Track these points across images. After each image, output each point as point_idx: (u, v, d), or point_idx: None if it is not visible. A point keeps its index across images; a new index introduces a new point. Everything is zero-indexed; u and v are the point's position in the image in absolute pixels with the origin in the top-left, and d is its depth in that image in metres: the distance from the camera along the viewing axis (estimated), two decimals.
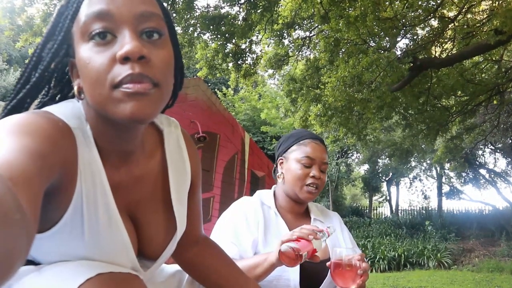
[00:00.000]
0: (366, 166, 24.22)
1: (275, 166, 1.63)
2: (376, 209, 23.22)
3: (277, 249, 1.15)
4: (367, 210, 22.06)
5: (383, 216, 20.73)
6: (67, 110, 0.69)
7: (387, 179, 24.48)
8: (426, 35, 7.92)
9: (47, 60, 0.68)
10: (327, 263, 1.25)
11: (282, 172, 1.54)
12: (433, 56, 7.86)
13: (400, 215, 20.86)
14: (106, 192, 0.69)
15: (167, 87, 0.66)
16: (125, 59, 0.61)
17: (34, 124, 0.58)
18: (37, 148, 0.53)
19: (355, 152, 21.66)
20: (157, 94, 0.63)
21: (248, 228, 1.40)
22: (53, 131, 0.61)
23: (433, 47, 8.03)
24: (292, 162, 1.50)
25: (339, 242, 1.52)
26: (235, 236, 1.39)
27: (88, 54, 0.62)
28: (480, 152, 16.15)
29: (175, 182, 0.84)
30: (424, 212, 19.50)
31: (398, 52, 7.58)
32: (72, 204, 0.65)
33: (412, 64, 6.88)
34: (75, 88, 0.68)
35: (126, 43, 0.61)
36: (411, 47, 7.57)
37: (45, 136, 0.57)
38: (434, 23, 7.92)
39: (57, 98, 0.75)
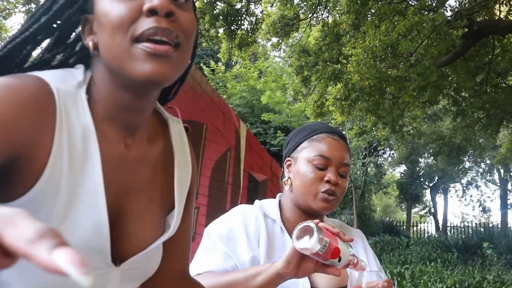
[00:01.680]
0: (402, 168, 24.31)
1: (282, 169, 1.64)
2: (417, 226, 23.32)
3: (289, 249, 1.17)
4: (404, 227, 22.13)
5: (426, 235, 20.79)
6: (56, 73, 0.80)
7: (431, 185, 24.54)
8: None
9: (59, 6, 0.82)
10: None
11: (289, 177, 1.55)
12: (496, 18, 7.85)
13: (449, 233, 20.89)
14: (94, 162, 0.78)
15: (187, 51, 0.81)
16: (151, 12, 0.74)
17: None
18: None
19: (387, 148, 21.68)
20: (177, 57, 0.77)
21: (248, 241, 1.43)
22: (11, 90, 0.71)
23: (497, 6, 8.01)
24: (301, 163, 1.52)
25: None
26: (231, 246, 1.41)
27: (110, 4, 0.76)
28: None
29: (179, 176, 0.96)
30: (482, 230, 19.53)
31: (448, 13, 7.57)
32: (47, 170, 0.72)
33: (467, 29, 6.86)
34: (90, 44, 0.81)
35: (153, 4, 0.73)
36: (466, 5, 7.55)
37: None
38: None
39: (56, 57, 0.87)
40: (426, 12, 6.77)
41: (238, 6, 8.98)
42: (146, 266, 0.92)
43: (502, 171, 21.47)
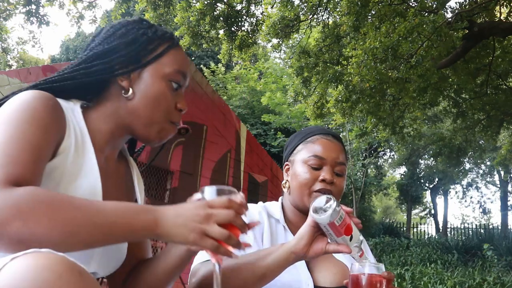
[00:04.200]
0: (402, 169, 24.30)
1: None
2: (417, 227, 23.28)
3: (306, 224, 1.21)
4: (404, 228, 22.11)
5: (426, 236, 20.75)
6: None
7: (431, 186, 24.54)
8: None
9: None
10: (345, 281, 1.28)
11: (287, 180, 1.60)
12: (496, 20, 7.85)
13: (449, 235, 20.87)
14: (90, 153, 1.08)
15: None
16: (180, 110, 1.18)
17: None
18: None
19: (388, 150, 21.68)
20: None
21: (252, 235, 1.45)
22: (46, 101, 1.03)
23: (497, 7, 8.01)
24: (297, 165, 1.56)
25: None
26: None
27: (164, 90, 1.14)
28: None
29: (138, 185, 1.32)
30: (482, 231, 19.53)
31: (449, 15, 7.57)
32: (62, 149, 1.02)
33: (467, 31, 6.86)
34: (125, 84, 1.14)
35: (184, 103, 1.17)
36: (466, 7, 7.55)
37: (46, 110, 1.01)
38: None
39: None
40: (426, 14, 6.76)
41: (239, 7, 8.98)
42: (120, 249, 1.16)
43: (502, 172, 21.47)
